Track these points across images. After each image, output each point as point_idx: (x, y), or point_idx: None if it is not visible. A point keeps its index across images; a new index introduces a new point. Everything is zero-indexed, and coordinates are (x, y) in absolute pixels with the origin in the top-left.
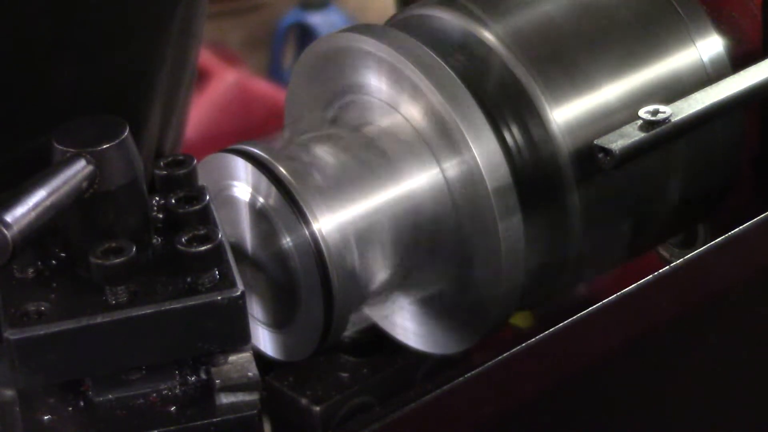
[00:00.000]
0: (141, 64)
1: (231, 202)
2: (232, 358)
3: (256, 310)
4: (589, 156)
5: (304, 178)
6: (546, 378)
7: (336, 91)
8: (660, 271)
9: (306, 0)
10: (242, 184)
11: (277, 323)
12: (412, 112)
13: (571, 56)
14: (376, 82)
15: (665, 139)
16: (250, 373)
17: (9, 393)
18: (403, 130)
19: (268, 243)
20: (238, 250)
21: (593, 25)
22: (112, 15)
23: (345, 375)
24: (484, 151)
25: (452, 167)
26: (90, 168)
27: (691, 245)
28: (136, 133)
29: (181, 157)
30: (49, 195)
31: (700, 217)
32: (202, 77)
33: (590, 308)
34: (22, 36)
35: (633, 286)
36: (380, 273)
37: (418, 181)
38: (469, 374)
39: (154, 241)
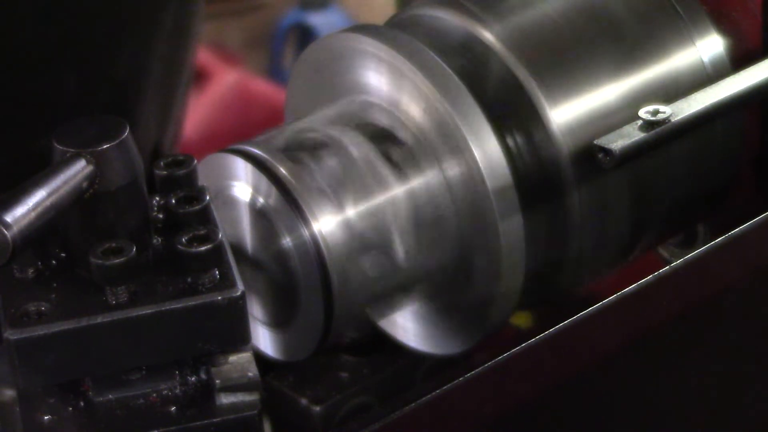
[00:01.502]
0: (132, 63)
1: (231, 202)
2: (232, 358)
3: (256, 310)
4: (589, 156)
5: (304, 178)
6: (546, 378)
7: (336, 91)
8: (660, 271)
9: (306, 0)
10: (242, 184)
11: (277, 323)
12: (412, 112)
13: (571, 56)
14: (376, 83)
15: (665, 139)
16: (250, 373)
17: (9, 393)
18: (403, 130)
19: (268, 243)
20: (238, 250)
21: (593, 25)
22: (101, 14)
23: (345, 375)
24: (484, 151)
25: (452, 167)
26: (90, 168)
27: (691, 245)
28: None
29: (181, 157)
30: (49, 195)
31: (700, 217)
32: (202, 77)
33: (590, 308)
34: (12, 37)
35: (633, 286)
36: (380, 273)
37: (418, 181)
38: (469, 374)
39: (154, 241)
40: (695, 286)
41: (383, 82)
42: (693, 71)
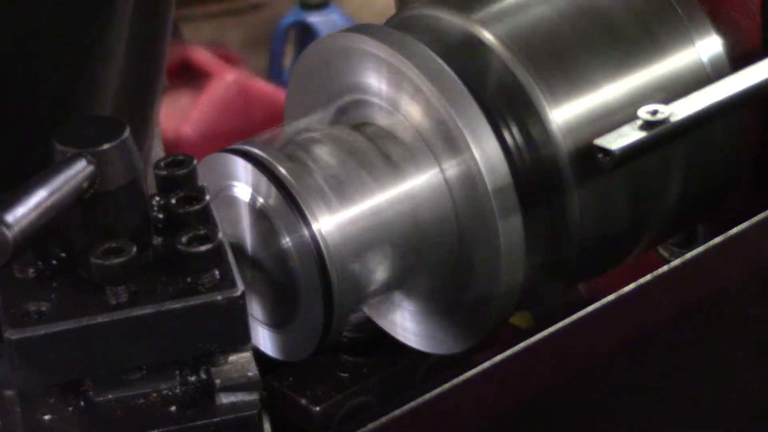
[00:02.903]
0: (90, 51)
1: (231, 202)
2: (232, 358)
3: (256, 310)
4: (589, 156)
5: (304, 178)
6: (546, 378)
7: (336, 91)
8: (659, 270)
9: (306, 0)
10: (242, 184)
11: (277, 323)
12: (412, 112)
13: (571, 56)
14: (376, 83)
15: (665, 139)
16: (250, 373)
17: (9, 393)
18: (403, 130)
19: (268, 243)
20: (238, 250)
21: (593, 25)
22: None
23: (345, 375)
24: (484, 151)
25: (452, 167)
26: (90, 168)
27: (691, 245)
28: None
29: (181, 157)
30: (50, 195)
31: (700, 217)
32: (202, 77)
33: (590, 308)
34: None
35: (632, 285)
36: (380, 273)
37: (418, 181)
38: (469, 374)
39: (154, 241)
40: (694, 286)
41: (383, 82)
42: (692, 71)
